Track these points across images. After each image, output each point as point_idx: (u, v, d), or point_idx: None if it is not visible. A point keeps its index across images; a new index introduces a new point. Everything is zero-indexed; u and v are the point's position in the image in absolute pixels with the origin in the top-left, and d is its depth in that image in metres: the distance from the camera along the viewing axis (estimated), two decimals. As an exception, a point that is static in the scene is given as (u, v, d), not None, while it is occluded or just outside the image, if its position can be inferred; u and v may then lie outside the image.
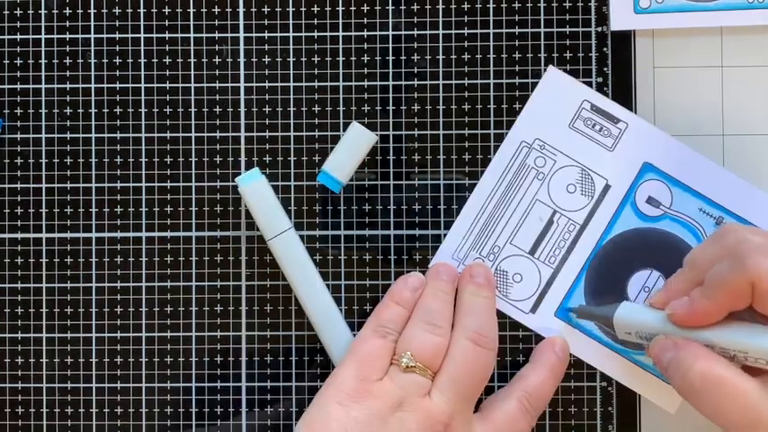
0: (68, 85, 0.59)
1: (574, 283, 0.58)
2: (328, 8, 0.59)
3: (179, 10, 0.59)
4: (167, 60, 0.59)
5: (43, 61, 0.59)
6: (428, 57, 0.59)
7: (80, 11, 0.59)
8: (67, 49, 0.59)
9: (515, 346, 0.58)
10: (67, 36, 0.59)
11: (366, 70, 0.59)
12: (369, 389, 0.53)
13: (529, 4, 0.58)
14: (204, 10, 0.59)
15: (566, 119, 0.58)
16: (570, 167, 0.58)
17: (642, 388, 0.57)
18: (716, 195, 0.57)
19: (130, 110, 0.59)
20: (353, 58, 0.59)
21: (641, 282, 0.58)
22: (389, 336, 0.55)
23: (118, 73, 0.59)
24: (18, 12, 0.59)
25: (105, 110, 0.59)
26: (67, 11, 0.59)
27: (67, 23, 0.59)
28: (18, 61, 0.59)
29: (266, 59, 0.59)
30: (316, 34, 0.59)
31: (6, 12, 0.59)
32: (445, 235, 0.58)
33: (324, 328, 0.57)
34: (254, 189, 0.57)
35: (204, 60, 0.59)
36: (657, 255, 0.57)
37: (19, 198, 0.59)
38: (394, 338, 0.55)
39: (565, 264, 0.58)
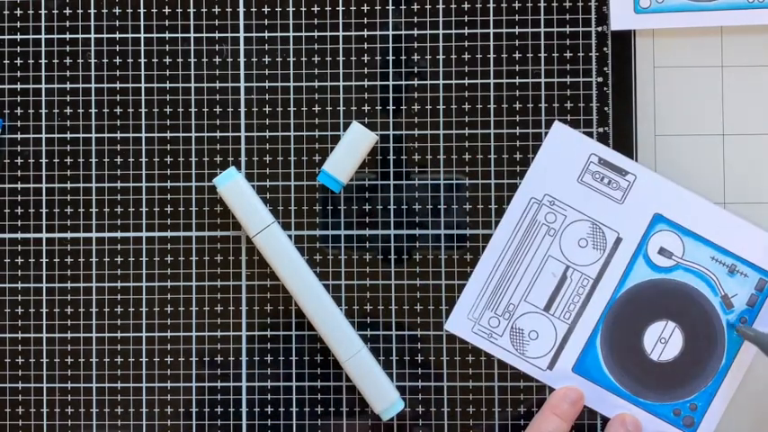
0: (68, 85, 0.59)
1: (590, 338, 0.58)
2: (328, 8, 0.59)
3: (179, 10, 0.59)
4: (167, 60, 0.59)
5: (43, 61, 0.59)
6: (428, 57, 0.59)
7: (80, 11, 0.59)
8: (67, 49, 0.59)
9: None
10: (67, 36, 0.59)
11: (366, 70, 0.59)
12: None
13: (529, 4, 0.58)
14: (204, 10, 0.59)
15: (574, 174, 0.58)
16: (581, 222, 0.58)
17: None
18: (727, 243, 0.57)
19: (130, 110, 0.59)
20: (353, 58, 0.59)
21: (657, 333, 0.57)
22: None
23: (118, 73, 0.59)
24: (18, 12, 0.59)
25: (105, 110, 0.59)
26: (67, 11, 0.59)
27: (67, 23, 0.59)
28: (18, 61, 0.59)
29: (266, 59, 0.59)
30: (316, 34, 0.59)
31: (6, 12, 0.59)
32: (445, 235, 0.58)
33: (320, 320, 0.57)
34: (232, 188, 0.57)
35: (204, 60, 0.59)
36: (672, 305, 0.57)
37: (19, 198, 0.59)
38: None
39: (580, 319, 0.58)
